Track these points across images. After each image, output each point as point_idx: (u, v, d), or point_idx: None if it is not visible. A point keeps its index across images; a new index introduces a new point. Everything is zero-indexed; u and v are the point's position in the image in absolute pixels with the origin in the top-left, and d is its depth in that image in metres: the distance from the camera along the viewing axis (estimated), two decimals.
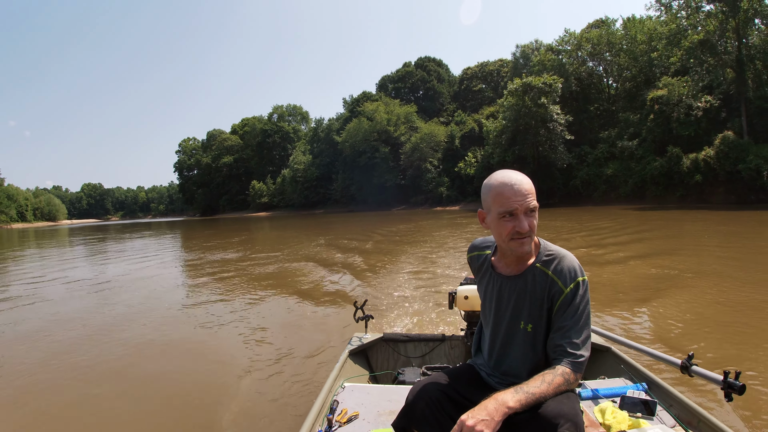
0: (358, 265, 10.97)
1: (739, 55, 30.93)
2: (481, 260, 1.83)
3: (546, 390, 1.43)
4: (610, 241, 13.14)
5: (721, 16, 30.55)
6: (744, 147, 28.62)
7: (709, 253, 10.33)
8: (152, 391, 4.16)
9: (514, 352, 1.69)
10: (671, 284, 6.98)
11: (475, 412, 1.34)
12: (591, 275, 7.37)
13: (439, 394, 1.64)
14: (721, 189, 29.38)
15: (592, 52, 42.26)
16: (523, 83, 37.17)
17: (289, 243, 18.72)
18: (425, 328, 5.41)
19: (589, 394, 2.36)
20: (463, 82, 68.98)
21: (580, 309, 1.56)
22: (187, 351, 5.29)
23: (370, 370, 3.22)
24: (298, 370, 4.36)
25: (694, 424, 2.01)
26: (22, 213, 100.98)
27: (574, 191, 38.84)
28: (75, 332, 6.20)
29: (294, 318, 6.51)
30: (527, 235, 1.55)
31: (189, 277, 11.19)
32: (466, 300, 2.98)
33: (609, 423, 2.02)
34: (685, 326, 5.07)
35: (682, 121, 32.65)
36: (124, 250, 20.80)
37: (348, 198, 70.03)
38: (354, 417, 2.23)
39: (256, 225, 40.40)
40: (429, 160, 57.72)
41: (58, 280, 11.35)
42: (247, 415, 3.51)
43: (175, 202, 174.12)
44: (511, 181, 1.54)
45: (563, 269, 1.58)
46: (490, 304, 1.77)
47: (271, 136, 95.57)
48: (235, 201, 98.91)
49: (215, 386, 4.14)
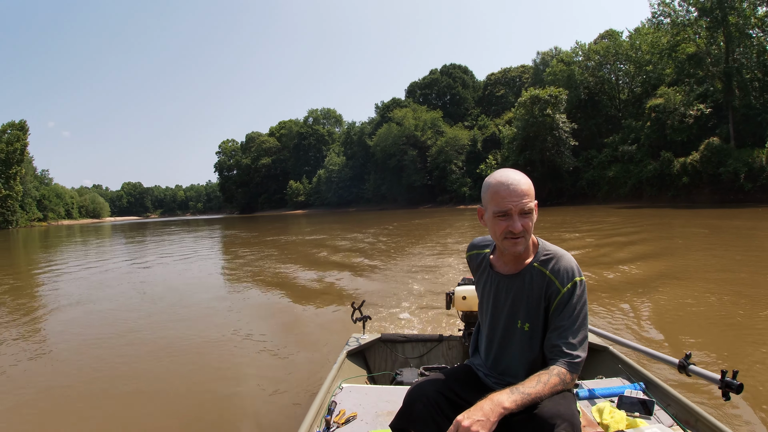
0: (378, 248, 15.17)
1: (726, 67, 34.46)
2: (480, 259, 1.83)
3: (542, 390, 1.43)
4: (596, 238, 14.54)
5: (707, 33, 34.20)
6: (726, 152, 32.31)
7: (680, 249, 11.57)
8: (149, 391, 4.18)
9: (512, 352, 1.70)
10: (662, 282, 7.30)
11: (471, 412, 1.34)
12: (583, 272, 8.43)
13: (437, 395, 1.64)
14: (706, 190, 33.12)
15: (600, 63, 46.08)
16: (531, 96, 41.78)
17: (322, 234, 22.66)
18: (423, 328, 5.43)
19: (587, 393, 2.36)
20: (487, 88, 73.30)
21: (577, 309, 1.56)
22: (182, 351, 5.32)
23: (368, 371, 3.25)
24: (295, 370, 4.40)
25: (692, 423, 2.00)
26: (68, 211, 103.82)
27: (581, 191, 43.06)
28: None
29: (294, 317, 6.64)
30: (520, 235, 1.55)
31: (220, 274, 12.03)
32: (464, 300, 3.01)
33: (607, 423, 2.01)
34: (680, 324, 5.24)
35: (675, 128, 36.42)
36: (185, 242, 24.11)
37: (379, 197, 75.58)
38: (352, 418, 2.23)
39: (294, 221, 45.08)
40: (453, 161, 62.33)
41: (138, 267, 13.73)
42: (244, 416, 3.53)
43: (212, 200, 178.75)
44: (507, 181, 1.55)
45: (560, 269, 1.59)
46: (487, 303, 1.78)
47: (307, 138, 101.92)
48: (273, 199, 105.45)
49: (212, 386, 4.19)
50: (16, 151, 66.54)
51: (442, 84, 77.09)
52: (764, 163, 30.48)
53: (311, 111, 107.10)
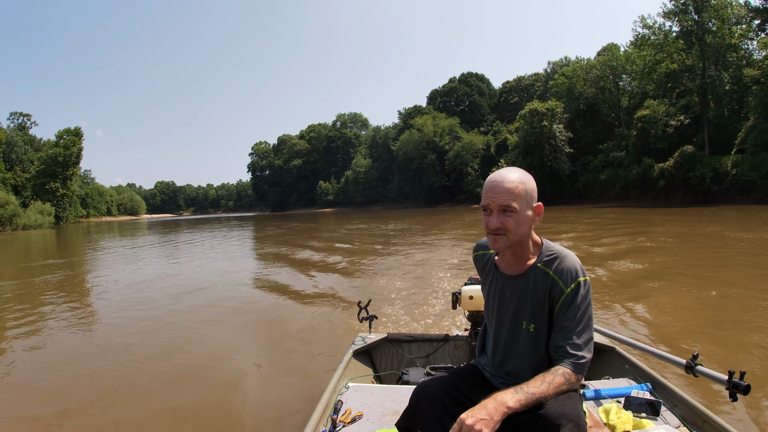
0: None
1: (702, 83, 39.12)
2: (485, 259, 1.84)
3: (546, 390, 1.44)
4: (575, 238, 15.41)
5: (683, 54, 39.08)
6: (697, 159, 37.17)
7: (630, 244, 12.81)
8: (151, 390, 4.20)
9: (517, 353, 1.70)
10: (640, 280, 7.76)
11: (475, 411, 1.35)
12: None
13: (443, 395, 1.65)
14: (680, 192, 38.03)
15: (599, 76, 51.12)
16: (530, 109, 47.60)
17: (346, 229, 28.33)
18: (429, 328, 5.52)
19: (594, 394, 2.37)
20: (502, 95, 78.66)
21: (581, 310, 1.56)
22: (192, 347, 5.43)
23: (374, 370, 3.27)
24: (302, 369, 4.48)
25: (699, 424, 2.01)
26: (108, 208, 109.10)
27: (578, 193, 48.36)
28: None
29: (299, 316, 6.77)
30: (499, 233, 1.57)
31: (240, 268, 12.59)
32: (471, 300, 3.03)
33: (613, 423, 2.02)
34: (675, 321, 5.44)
35: (659, 136, 41.33)
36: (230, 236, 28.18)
37: (402, 196, 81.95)
38: (358, 417, 2.25)
39: (323, 219, 49.12)
40: (469, 164, 67.91)
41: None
42: (251, 415, 3.57)
43: (243, 198, 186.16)
44: (495, 178, 1.58)
45: (564, 269, 1.60)
46: (493, 304, 1.79)
47: (335, 141, 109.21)
48: (303, 198, 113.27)
49: (219, 384, 4.24)
50: (72, 154, 73.73)
51: (460, 92, 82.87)
52: (729, 169, 35.38)
53: (339, 115, 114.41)
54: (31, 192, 67.21)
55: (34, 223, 56.77)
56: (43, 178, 69.26)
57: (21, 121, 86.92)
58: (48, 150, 73.27)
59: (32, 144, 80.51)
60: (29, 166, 72.74)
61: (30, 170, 71.67)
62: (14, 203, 54.42)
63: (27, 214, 57.00)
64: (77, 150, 74.30)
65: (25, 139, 78.65)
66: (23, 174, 70.16)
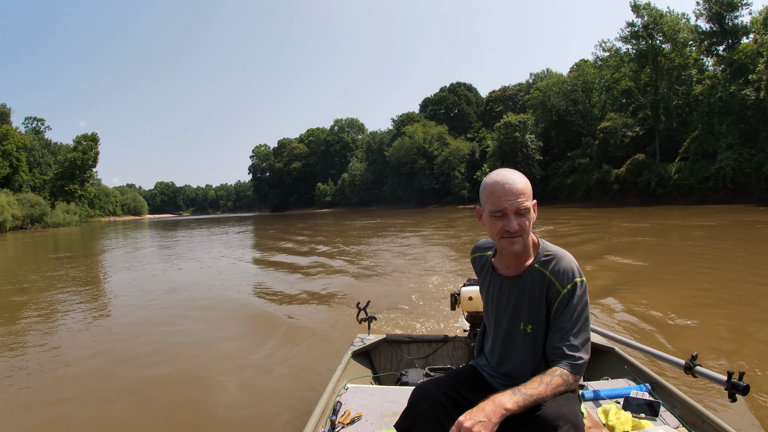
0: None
1: (653, 99, 44.45)
2: (483, 261, 1.84)
3: (544, 392, 1.44)
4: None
5: (638, 74, 44.59)
6: (646, 165, 42.66)
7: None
8: (152, 391, 4.25)
9: (515, 354, 1.71)
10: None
11: (473, 413, 1.35)
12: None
13: (441, 396, 1.65)
14: (632, 194, 43.49)
15: (571, 89, 56.66)
16: (504, 122, 53.53)
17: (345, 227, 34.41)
18: (428, 328, 5.50)
19: (592, 394, 2.37)
20: (488, 104, 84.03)
21: (578, 310, 1.57)
22: (189, 348, 5.42)
23: (373, 371, 3.25)
24: (301, 370, 4.47)
25: (698, 424, 2.01)
26: (113, 208, 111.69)
27: (548, 195, 53.82)
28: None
29: (298, 316, 6.79)
30: (517, 234, 1.56)
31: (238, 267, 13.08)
32: (470, 301, 3.03)
33: (612, 424, 2.02)
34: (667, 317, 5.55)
35: (617, 145, 46.88)
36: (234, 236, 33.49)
37: (395, 198, 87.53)
38: (357, 418, 2.24)
39: (323, 219, 52.07)
40: (456, 169, 73.33)
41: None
42: (250, 416, 3.56)
43: (242, 199, 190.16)
44: (503, 181, 1.57)
45: (560, 270, 1.60)
46: (491, 305, 1.79)
47: (333, 145, 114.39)
48: (302, 199, 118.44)
49: (218, 385, 4.23)
50: (90, 158, 79.13)
51: (449, 101, 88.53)
52: (672, 174, 40.83)
53: (337, 120, 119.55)
54: (49, 193, 72.23)
55: (62, 221, 62.15)
56: (62, 180, 74.64)
57: (35, 126, 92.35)
58: (67, 154, 78.82)
59: (48, 148, 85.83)
60: (47, 169, 78.13)
61: (48, 173, 77.06)
62: (43, 203, 59.86)
63: (55, 213, 62.38)
64: (94, 154, 79.57)
65: (42, 143, 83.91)
66: (41, 176, 75.49)
